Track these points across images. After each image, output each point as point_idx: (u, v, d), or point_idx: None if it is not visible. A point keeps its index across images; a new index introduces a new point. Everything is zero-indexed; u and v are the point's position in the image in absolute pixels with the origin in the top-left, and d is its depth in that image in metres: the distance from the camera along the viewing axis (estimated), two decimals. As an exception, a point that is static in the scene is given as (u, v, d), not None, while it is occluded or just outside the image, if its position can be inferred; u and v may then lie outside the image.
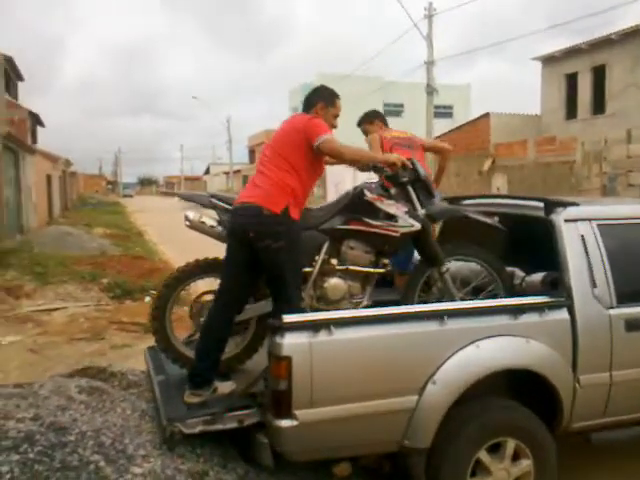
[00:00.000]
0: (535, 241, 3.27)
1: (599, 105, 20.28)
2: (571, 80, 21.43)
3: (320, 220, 3.16)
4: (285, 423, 2.43)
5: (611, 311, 2.95)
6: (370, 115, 4.44)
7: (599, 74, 20.16)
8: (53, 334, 6.47)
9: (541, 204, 3.16)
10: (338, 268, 3.13)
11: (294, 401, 2.42)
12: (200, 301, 3.22)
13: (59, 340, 6.22)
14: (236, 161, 46.68)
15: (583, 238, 2.99)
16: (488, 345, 2.68)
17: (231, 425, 2.66)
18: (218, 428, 2.65)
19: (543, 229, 3.08)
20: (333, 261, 3.13)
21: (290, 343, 2.42)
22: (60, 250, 12.76)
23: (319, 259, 3.12)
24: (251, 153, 49.55)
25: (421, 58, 18.37)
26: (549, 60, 22.21)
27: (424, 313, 2.70)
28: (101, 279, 9.29)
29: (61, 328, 6.74)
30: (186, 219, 3.19)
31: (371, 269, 3.17)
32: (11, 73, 20.85)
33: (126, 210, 34.91)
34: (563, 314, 2.86)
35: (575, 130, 19.77)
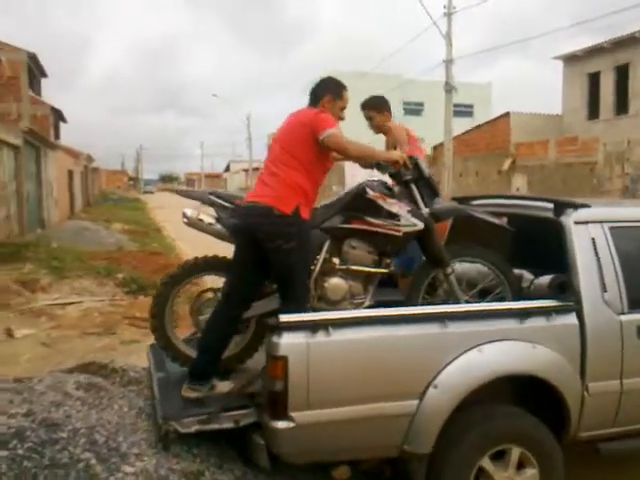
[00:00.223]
0: (545, 243, 3.17)
1: (622, 105, 19.88)
2: (593, 79, 21.04)
3: (321, 218, 3.11)
4: (281, 424, 2.38)
5: (622, 317, 2.86)
6: (380, 103, 4.16)
7: (622, 73, 19.76)
8: (66, 328, 6.53)
9: (551, 205, 3.07)
10: (339, 268, 3.07)
11: (290, 402, 2.37)
12: (200, 299, 3.19)
13: (72, 334, 6.27)
14: (256, 158, 46.78)
15: (594, 241, 2.90)
16: (492, 350, 2.61)
17: (227, 425, 2.63)
18: (214, 428, 2.62)
19: (553, 231, 2.99)
20: (334, 260, 3.07)
21: (287, 343, 2.38)
22: (78, 245, 12.89)
23: (320, 258, 3.06)
24: (270, 150, 49.48)
25: (441, 56, 18.20)
26: (571, 59, 21.85)
27: (425, 315, 2.64)
28: (116, 274, 9.35)
29: (74, 322, 6.80)
30: (184, 216, 3.17)
31: (373, 269, 3.11)
32: (35, 70, 21.17)
33: (147, 206, 35.21)
34: (572, 319, 2.77)
35: (597, 130, 19.42)
